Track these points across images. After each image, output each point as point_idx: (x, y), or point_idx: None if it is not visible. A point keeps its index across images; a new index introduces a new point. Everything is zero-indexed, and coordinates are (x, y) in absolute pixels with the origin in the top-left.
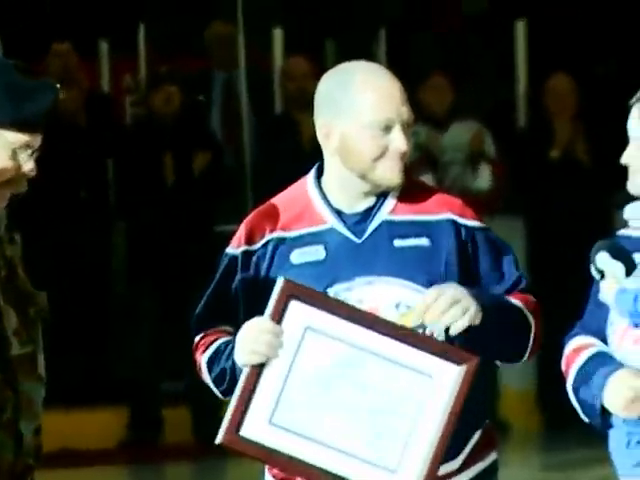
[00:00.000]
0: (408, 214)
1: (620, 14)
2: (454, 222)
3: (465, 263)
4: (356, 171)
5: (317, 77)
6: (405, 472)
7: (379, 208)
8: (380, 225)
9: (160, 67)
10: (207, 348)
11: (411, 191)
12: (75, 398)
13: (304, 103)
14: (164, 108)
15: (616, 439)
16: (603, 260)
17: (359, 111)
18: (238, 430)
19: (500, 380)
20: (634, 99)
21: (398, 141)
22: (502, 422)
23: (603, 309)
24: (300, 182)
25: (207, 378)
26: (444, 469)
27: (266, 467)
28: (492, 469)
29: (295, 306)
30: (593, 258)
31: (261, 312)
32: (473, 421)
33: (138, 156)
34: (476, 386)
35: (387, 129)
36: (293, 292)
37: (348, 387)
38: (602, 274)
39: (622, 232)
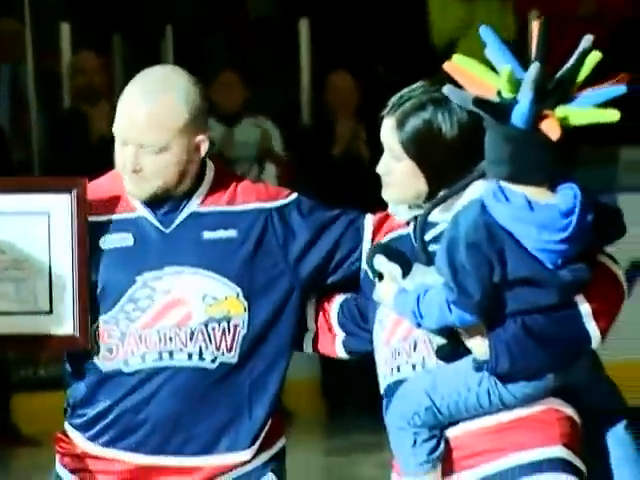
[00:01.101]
0: (217, 205)
1: (400, 15)
2: (262, 210)
3: (285, 244)
4: None
5: (104, 71)
6: (57, 308)
7: (189, 199)
8: (189, 216)
9: None
10: None
11: (222, 183)
12: None
13: (92, 97)
14: None
15: (401, 438)
16: (379, 262)
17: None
18: None
19: None
20: (385, 111)
21: (125, 158)
22: (286, 410)
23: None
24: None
25: None
26: (239, 458)
27: (57, 457)
28: (280, 455)
29: None
30: (369, 261)
31: None
32: (268, 411)
33: None
34: (271, 377)
35: (124, 144)
36: None
37: None
38: (379, 276)
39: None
